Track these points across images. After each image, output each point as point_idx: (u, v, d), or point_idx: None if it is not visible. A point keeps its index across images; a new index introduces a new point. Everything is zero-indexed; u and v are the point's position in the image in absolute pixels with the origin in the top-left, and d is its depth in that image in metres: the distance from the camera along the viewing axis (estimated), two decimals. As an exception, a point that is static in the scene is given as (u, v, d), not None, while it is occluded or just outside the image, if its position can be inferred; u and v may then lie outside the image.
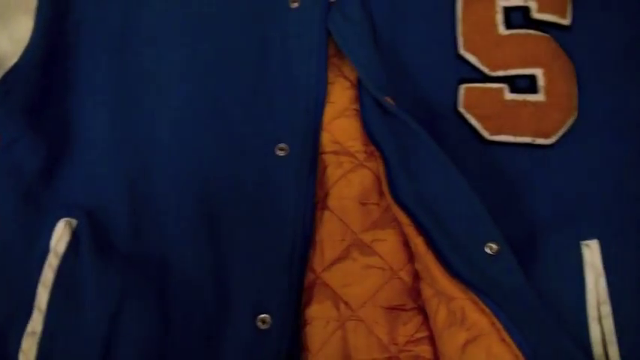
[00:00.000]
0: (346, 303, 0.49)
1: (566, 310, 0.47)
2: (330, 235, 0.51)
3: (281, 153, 0.51)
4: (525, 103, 0.52)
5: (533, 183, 0.51)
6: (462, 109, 0.53)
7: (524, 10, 0.54)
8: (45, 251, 0.48)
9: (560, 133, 0.52)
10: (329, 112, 0.54)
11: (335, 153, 0.52)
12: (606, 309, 0.47)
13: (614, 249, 0.48)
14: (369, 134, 0.52)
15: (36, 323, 0.46)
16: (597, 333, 0.47)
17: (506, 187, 0.51)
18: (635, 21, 0.55)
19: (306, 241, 0.49)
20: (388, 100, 0.50)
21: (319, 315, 0.49)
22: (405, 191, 0.49)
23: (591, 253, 0.48)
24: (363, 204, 0.52)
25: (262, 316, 0.47)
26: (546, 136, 0.52)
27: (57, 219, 0.49)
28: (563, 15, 0.54)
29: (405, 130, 0.49)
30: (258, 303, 0.48)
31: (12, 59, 0.53)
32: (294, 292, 0.48)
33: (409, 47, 0.55)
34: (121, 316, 0.47)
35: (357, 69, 0.52)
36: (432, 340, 0.49)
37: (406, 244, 0.51)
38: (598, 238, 0.48)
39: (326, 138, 0.53)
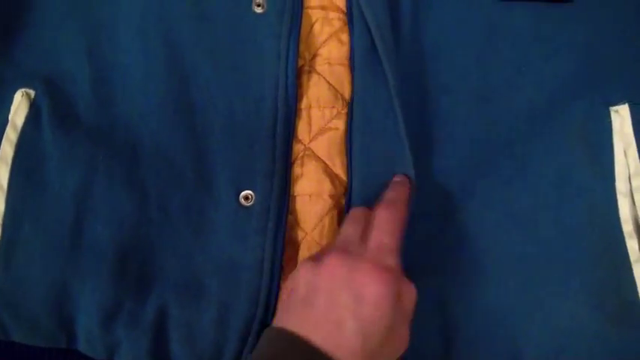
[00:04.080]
0: (339, 179, 0.44)
1: (589, 185, 0.43)
2: (318, 102, 0.45)
3: (258, 9, 0.44)
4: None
5: (553, 43, 0.44)
6: None
7: None
8: (3, 125, 0.44)
9: None
10: (314, -42, 0.46)
11: (322, 8, 0.45)
12: (638, 181, 0.42)
13: None
14: None
15: None
16: (627, 209, 0.42)
17: (521, 48, 0.44)
18: None
19: (289, 108, 0.44)
20: None
21: (311, 190, 0.44)
22: None
23: (621, 120, 0.43)
24: (357, 68, 0.45)
25: (245, 192, 0.43)
26: None
27: (14, 91, 0.45)
28: None
29: None
30: (239, 178, 0.43)
31: None
32: (280, 165, 0.43)
33: None
34: (90, 191, 0.43)
35: None
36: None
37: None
38: (628, 102, 0.43)
39: (311, -11, 0.45)
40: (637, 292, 0.41)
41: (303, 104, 0.45)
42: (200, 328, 0.43)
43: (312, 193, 0.44)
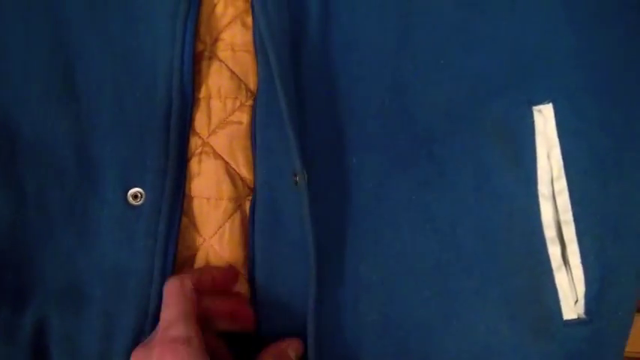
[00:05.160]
0: (243, 179, 0.41)
1: (510, 189, 0.40)
2: (219, 92, 0.40)
3: None
4: None
5: (475, 34, 0.41)
6: None
7: None
8: None
9: None
10: None
11: (226, -13, 0.41)
12: (561, 184, 0.39)
13: (569, 115, 0.39)
14: None
15: None
16: (549, 213, 0.39)
17: (441, 39, 0.41)
18: None
19: (185, 97, 0.39)
20: None
21: (210, 193, 0.40)
22: None
23: (544, 120, 0.40)
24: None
25: (133, 190, 0.39)
26: None
27: None
28: None
29: None
30: (128, 174, 0.39)
31: None
32: (174, 162, 0.39)
33: None
34: None
35: None
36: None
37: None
38: (552, 102, 0.40)
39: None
40: (559, 302, 0.39)
41: (202, 94, 0.40)
42: (83, 341, 0.38)
43: (211, 197, 0.40)
